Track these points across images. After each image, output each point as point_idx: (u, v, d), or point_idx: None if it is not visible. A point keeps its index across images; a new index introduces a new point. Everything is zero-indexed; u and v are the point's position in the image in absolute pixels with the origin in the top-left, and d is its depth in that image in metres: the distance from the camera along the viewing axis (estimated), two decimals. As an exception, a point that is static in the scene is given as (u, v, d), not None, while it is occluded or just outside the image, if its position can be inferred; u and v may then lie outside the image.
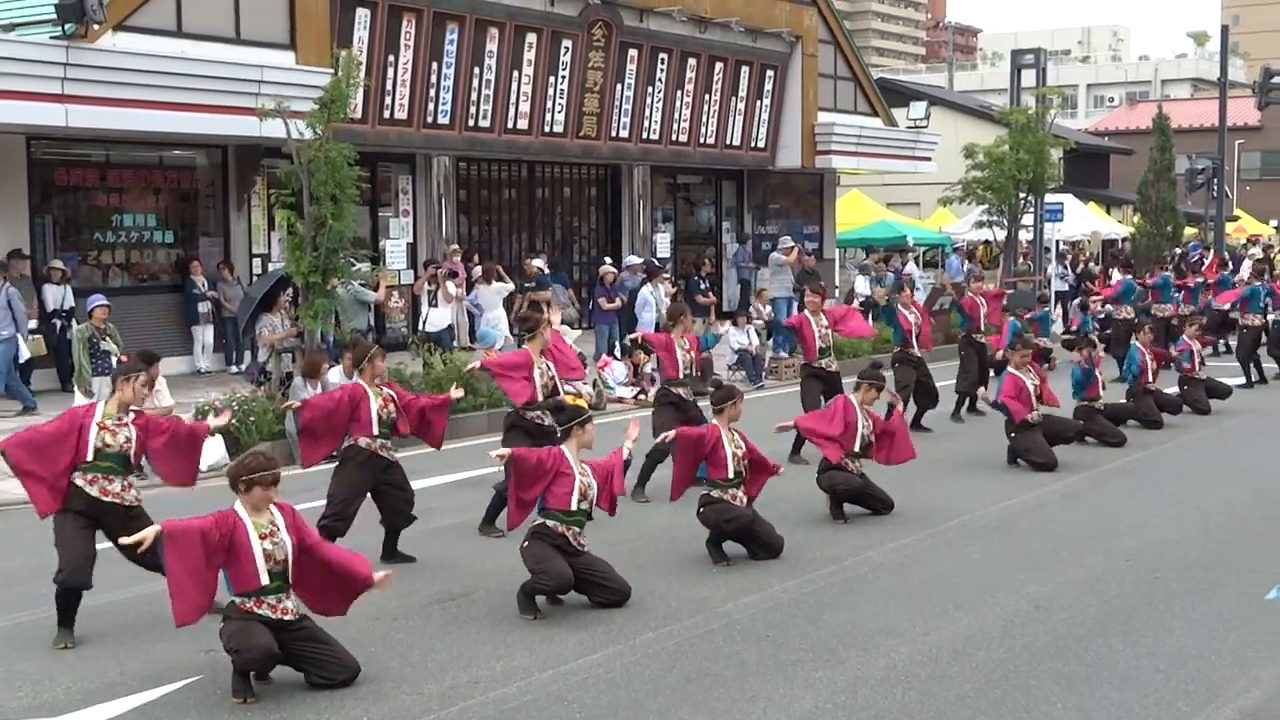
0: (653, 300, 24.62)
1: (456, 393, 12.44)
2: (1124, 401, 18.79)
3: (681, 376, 14.66)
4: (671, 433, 11.82)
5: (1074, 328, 27.35)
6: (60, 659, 9.11)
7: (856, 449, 13.11)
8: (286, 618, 8.41)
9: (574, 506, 10.08)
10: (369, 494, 11.57)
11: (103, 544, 11.59)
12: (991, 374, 20.50)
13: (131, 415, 9.76)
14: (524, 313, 15.55)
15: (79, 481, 9.48)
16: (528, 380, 12.63)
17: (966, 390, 20.00)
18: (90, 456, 9.49)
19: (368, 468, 11.40)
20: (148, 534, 8.33)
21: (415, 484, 15.02)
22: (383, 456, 11.48)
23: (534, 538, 10.03)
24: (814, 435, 13.12)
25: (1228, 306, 26.50)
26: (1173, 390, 20.13)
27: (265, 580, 8.34)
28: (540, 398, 12.69)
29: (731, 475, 11.51)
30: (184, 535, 8.23)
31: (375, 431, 11.38)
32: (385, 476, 11.53)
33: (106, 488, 9.55)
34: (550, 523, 10.04)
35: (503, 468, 10.22)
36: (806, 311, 17.35)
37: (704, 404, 13.09)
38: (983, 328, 20.43)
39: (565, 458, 10.21)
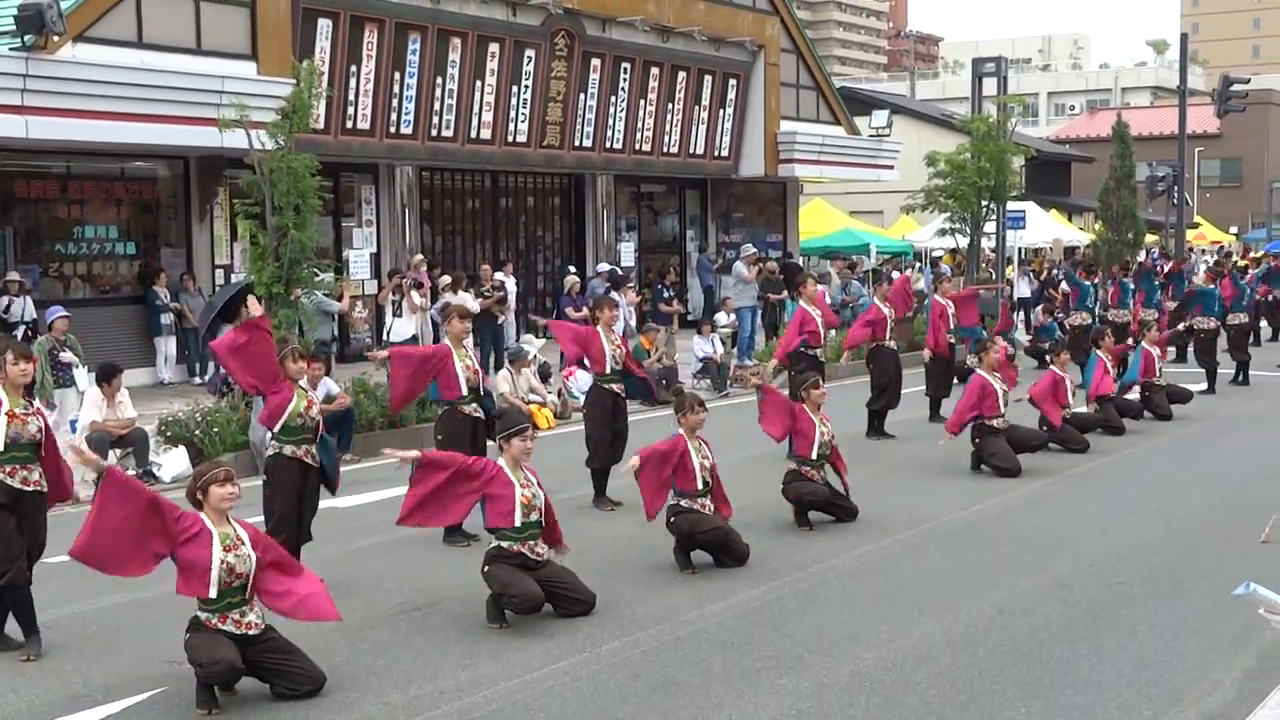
0: (620, 308, 24.63)
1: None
2: (1088, 410, 18.86)
3: (609, 371, 14.26)
4: (635, 460, 11.34)
5: (1041, 327, 27.43)
6: (22, 671, 9.04)
7: (814, 456, 13.10)
8: (251, 632, 8.37)
9: (518, 522, 9.96)
10: None
11: (63, 556, 11.56)
12: (956, 381, 20.59)
13: (36, 403, 9.61)
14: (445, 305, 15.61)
15: None
16: (453, 374, 12.65)
17: (934, 395, 20.15)
18: (1, 447, 9.22)
19: (295, 475, 11.15)
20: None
21: (379, 494, 15.07)
22: (306, 463, 11.09)
23: (492, 561, 9.95)
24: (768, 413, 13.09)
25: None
26: (1133, 396, 20.27)
27: (213, 593, 8.29)
28: (466, 390, 12.69)
29: (700, 486, 11.50)
30: (131, 495, 8.30)
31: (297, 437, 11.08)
32: (305, 485, 11.20)
33: (27, 477, 9.35)
34: (504, 544, 9.96)
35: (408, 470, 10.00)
36: (802, 302, 17.71)
37: (667, 413, 13.09)
38: (951, 328, 20.47)
39: (502, 471, 10.02)
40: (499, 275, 27.27)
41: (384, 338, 23.85)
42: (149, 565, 8.44)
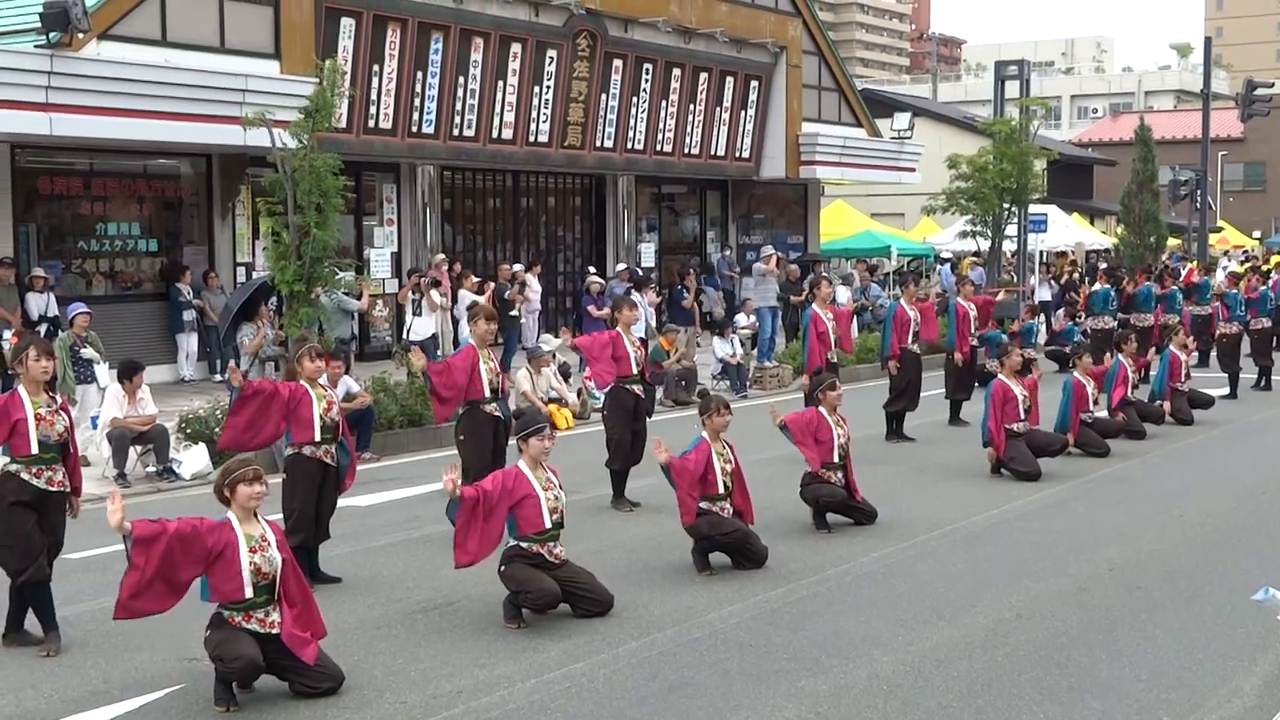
0: (641, 309, 24.56)
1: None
2: (1107, 414, 18.81)
3: (634, 373, 14.27)
4: (663, 455, 11.20)
5: (1060, 330, 27.32)
6: (43, 666, 9.08)
7: (835, 459, 13.07)
8: (274, 631, 8.40)
9: (548, 525, 9.97)
10: None
11: (82, 553, 11.60)
12: (977, 385, 20.55)
13: (59, 400, 9.68)
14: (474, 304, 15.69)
15: (24, 476, 9.28)
16: (477, 375, 12.73)
17: (954, 398, 20.13)
18: (34, 450, 9.31)
19: (314, 473, 11.15)
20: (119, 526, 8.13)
21: (398, 493, 15.11)
22: (326, 463, 11.15)
23: (509, 561, 9.95)
24: (798, 438, 12.99)
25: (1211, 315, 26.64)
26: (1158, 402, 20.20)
27: (249, 593, 8.33)
28: (488, 391, 12.76)
29: (721, 490, 11.48)
30: (154, 539, 8.20)
31: (318, 437, 11.10)
32: (324, 483, 11.25)
33: (51, 478, 9.42)
34: (523, 544, 9.96)
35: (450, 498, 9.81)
36: (815, 306, 17.70)
37: (686, 414, 13.07)
38: (972, 331, 20.49)
39: (524, 477, 9.99)
40: (526, 274, 27.20)
41: (404, 336, 23.88)
42: (182, 593, 8.44)
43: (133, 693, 8.56)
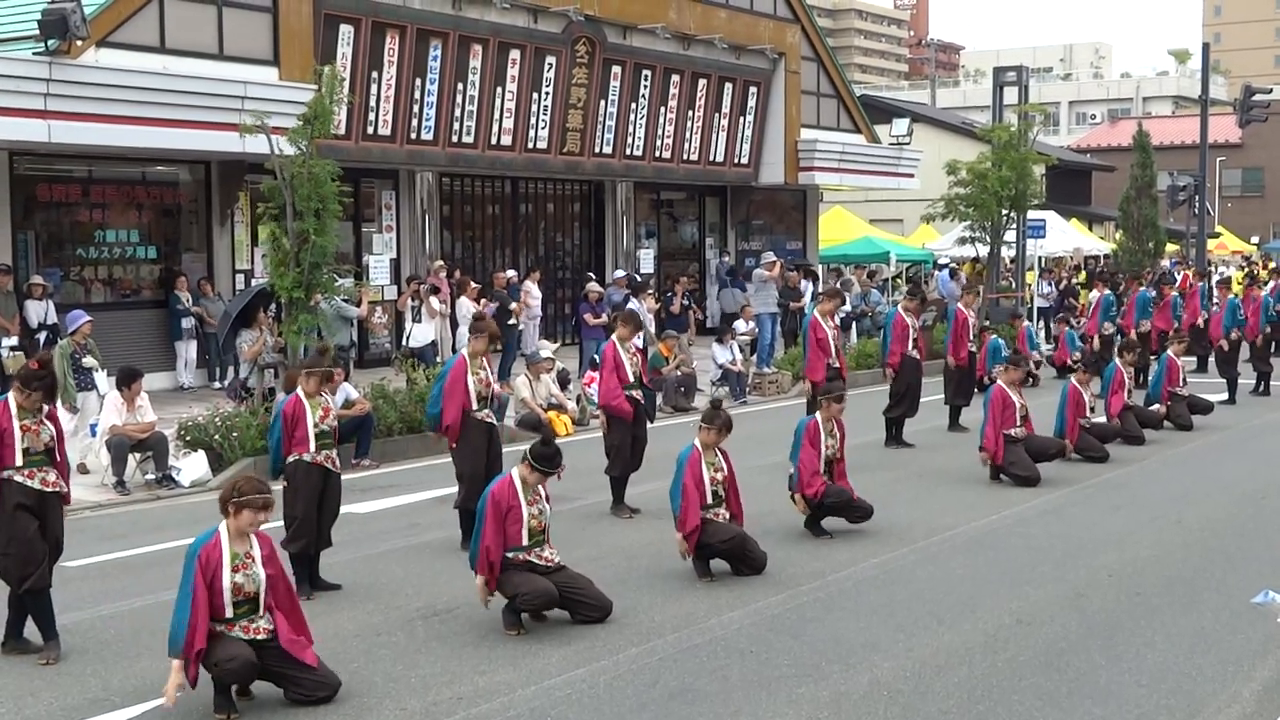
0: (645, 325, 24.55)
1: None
2: (1106, 420, 18.81)
3: (631, 380, 14.28)
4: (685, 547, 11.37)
5: (1060, 360, 27.10)
6: (42, 674, 9.07)
7: (821, 468, 13.05)
8: (260, 637, 8.37)
9: (525, 542, 9.97)
10: None
11: (82, 560, 11.60)
12: (976, 391, 20.56)
13: (47, 408, 9.66)
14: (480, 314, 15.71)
15: (19, 479, 9.34)
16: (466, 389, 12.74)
17: (954, 403, 20.13)
18: (19, 461, 9.35)
19: (315, 480, 11.21)
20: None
21: (398, 499, 15.10)
22: (327, 469, 11.27)
23: (502, 569, 9.97)
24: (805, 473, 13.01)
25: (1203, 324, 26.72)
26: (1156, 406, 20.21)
27: (229, 613, 8.32)
28: (475, 404, 12.72)
29: (710, 500, 11.47)
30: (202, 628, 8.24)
31: (313, 446, 11.15)
32: (325, 489, 11.33)
33: (45, 478, 9.46)
34: (509, 554, 9.95)
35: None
36: (816, 314, 17.78)
37: (686, 420, 13.05)
38: (971, 338, 20.53)
39: (515, 488, 10.00)
40: (526, 281, 27.23)
41: (403, 343, 23.89)
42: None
43: (132, 700, 8.55)
